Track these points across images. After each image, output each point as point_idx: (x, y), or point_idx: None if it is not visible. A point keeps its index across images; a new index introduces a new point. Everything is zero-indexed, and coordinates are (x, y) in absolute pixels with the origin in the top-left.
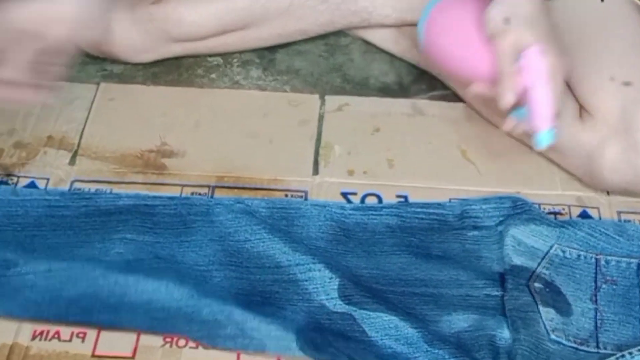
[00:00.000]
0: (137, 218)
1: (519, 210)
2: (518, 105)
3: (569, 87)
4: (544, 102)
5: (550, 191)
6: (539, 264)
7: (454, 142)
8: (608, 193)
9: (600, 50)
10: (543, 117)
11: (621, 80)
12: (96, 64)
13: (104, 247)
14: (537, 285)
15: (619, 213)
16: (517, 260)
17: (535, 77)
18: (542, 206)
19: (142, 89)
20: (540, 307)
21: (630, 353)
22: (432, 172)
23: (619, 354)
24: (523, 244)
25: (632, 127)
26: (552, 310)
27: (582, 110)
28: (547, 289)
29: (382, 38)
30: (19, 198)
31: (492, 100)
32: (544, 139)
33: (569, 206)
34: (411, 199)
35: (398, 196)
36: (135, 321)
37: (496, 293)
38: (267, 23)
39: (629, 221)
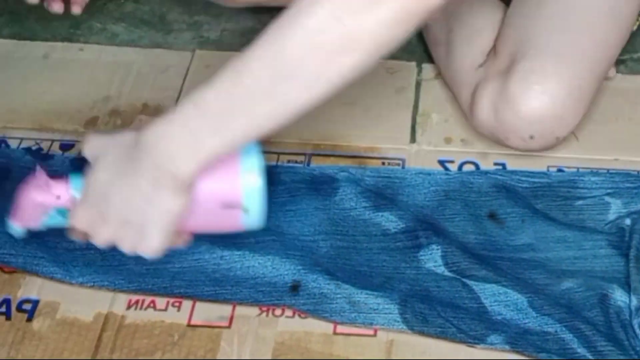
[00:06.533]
0: None
1: (630, 184)
2: None
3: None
4: None
5: None
6: None
7: None
8: None
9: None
10: None
11: None
12: (192, 30)
13: None
14: None
15: None
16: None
17: None
18: None
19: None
20: None
21: None
22: None
23: None
24: None
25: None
26: None
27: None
28: None
29: None
30: None
31: None
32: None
33: None
34: (509, 167)
35: (496, 164)
36: (240, 294)
37: (604, 254)
38: None
39: None
